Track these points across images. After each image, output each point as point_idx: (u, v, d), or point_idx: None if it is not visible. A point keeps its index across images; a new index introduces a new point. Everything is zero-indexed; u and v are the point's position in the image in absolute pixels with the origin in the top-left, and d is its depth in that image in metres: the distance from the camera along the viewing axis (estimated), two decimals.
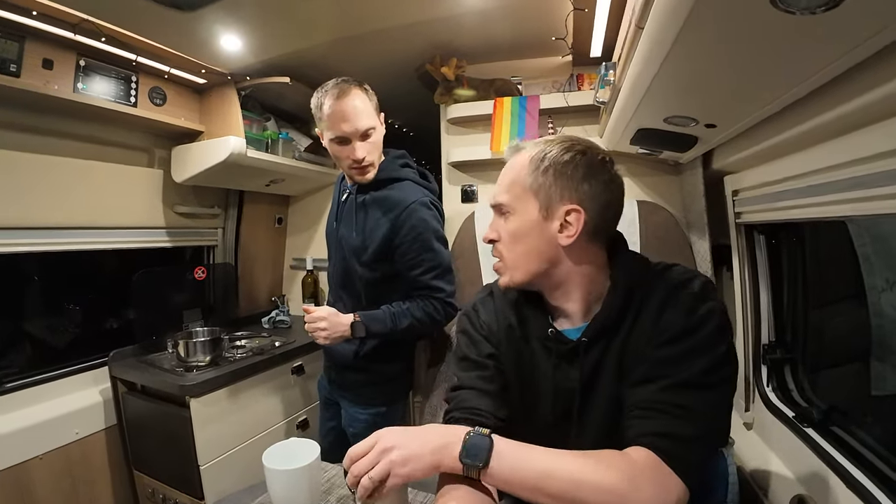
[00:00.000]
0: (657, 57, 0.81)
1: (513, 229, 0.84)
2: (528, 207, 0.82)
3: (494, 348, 0.93)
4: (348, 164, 1.40)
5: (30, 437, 1.57)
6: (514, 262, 0.85)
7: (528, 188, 0.82)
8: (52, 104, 1.54)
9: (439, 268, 1.43)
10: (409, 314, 1.42)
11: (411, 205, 1.39)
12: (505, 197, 0.85)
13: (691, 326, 0.74)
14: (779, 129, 0.98)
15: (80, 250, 1.80)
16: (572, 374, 0.83)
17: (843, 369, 1.26)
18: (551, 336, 0.85)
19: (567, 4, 1.39)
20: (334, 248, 1.56)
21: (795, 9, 0.58)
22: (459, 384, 0.91)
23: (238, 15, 1.46)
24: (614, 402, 0.81)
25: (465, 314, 1.00)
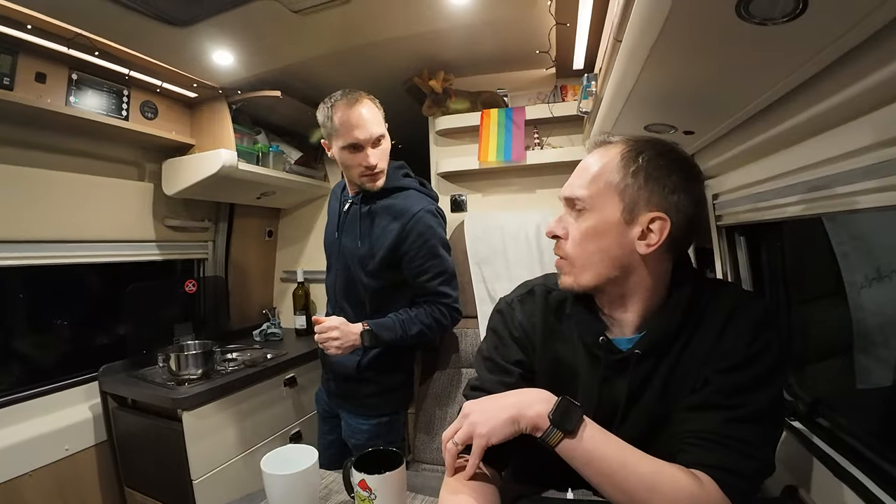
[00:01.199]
0: (635, 68, 0.84)
1: (587, 227, 0.78)
2: (609, 206, 0.77)
3: (524, 353, 0.89)
4: (360, 171, 1.41)
5: (19, 454, 1.55)
6: (583, 263, 0.79)
7: (614, 186, 0.76)
8: (44, 117, 1.55)
9: (445, 274, 1.46)
10: (418, 321, 1.43)
11: (418, 212, 1.41)
12: (584, 192, 0.78)
13: (754, 353, 0.72)
14: (754, 133, 1.02)
15: (70, 264, 1.80)
16: (619, 385, 0.80)
17: (827, 364, 1.29)
18: (602, 344, 0.81)
19: (549, 19, 1.45)
20: (335, 258, 1.56)
21: (760, 20, 0.62)
22: (480, 385, 0.88)
23: (229, 31, 1.49)
24: (652, 418, 0.79)
25: (499, 311, 0.95)
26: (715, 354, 0.75)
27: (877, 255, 1.12)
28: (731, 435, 0.69)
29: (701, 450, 0.70)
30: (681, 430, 0.74)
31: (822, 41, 0.67)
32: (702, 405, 0.73)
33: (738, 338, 0.74)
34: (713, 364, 0.74)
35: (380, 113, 1.41)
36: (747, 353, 0.72)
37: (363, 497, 0.81)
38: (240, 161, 1.92)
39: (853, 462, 0.91)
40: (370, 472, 0.81)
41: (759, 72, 0.80)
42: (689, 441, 0.72)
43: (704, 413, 0.72)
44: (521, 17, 1.49)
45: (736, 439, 0.69)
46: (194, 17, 1.38)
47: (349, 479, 0.87)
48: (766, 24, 0.62)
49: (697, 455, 0.70)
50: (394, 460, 0.85)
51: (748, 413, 0.70)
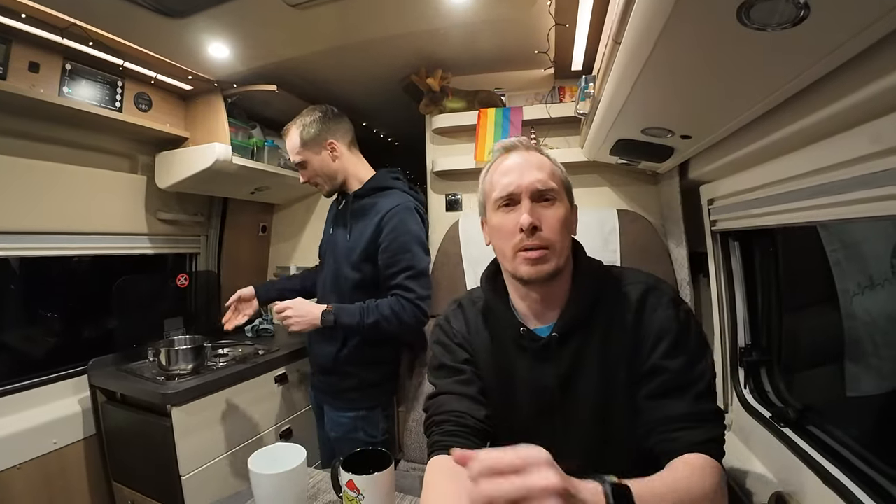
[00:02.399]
0: (633, 71, 0.84)
1: (560, 215, 0.86)
2: (564, 199, 0.88)
3: (469, 354, 0.95)
4: None
5: (7, 447, 1.53)
6: (561, 247, 0.86)
7: (562, 181, 0.90)
8: (36, 107, 1.53)
9: (413, 269, 1.50)
10: (377, 311, 1.47)
11: (395, 207, 1.51)
12: (553, 184, 0.87)
13: (682, 326, 0.83)
14: (751, 139, 1.03)
15: (59, 256, 1.78)
16: (547, 370, 0.87)
17: (817, 371, 1.29)
18: (523, 334, 0.89)
19: (549, 19, 1.44)
20: (328, 253, 1.66)
21: (761, 26, 0.61)
22: (437, 391, 0.93)
23: (226, 23, 1.48)
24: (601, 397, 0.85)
25: (438, 325, 1.03)
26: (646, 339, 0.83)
27: (869, 263, 1.12)
28: (703, 410, 0.79)
29: (688, 431, 0.77)
30: (656, 418, 0.80)
31: (822, 49, 0.66)
32: (667, 391, 0.80)
33: (662, 317, 0.83)
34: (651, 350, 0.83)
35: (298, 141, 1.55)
36: (677, 328, 0.82)
37: (351, 497, 0.81)
38: (234, 155, 1.91)
39: (842, 469, 0.92)
40: (358, 473, 0.80)
41: (759, 78, 0.80)
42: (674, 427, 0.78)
43: (669, 400, 0.80)
44: (520, 17, 1.49)
45: (709, 412, 0.80)
46: (190, 8, 1.36)
47: (337, 479, 0.86)
48: (767, 31, 0.62)
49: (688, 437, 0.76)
50: (382, 461, 0.84)
51: (707, 386, 0.81)
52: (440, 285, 1.82)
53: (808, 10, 0.55)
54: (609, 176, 1.78)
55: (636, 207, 1.78)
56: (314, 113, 1.56)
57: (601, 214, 1.68)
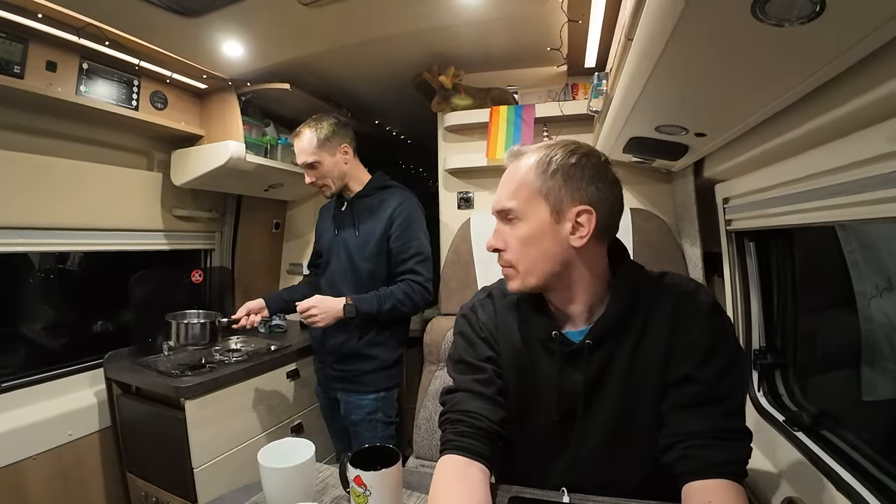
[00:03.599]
0: (646, 68, 0.83)
1: (523, 234, 0.83)
2: (538, 211, 0.82)
3: (493, 351, 0.93)
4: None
5: (23, 438, 1.57)
6: (527, 267, 0.83)
7: (538, 192, 0.81)
8: (54, 106, 1.56)
9: (422, 255, 1.67)
10: (393, 297, 1.62)
11: (405, 201, 1.69)
12: (512, 203, 0.83)
13: (719, 340, 0.79)
14: (767, 137, 1.01)
15: (77, 251, 1.82)
16: (576, 376, 0.84)
17: (833, 374, 1.27)
18: (555, 338, 0.85)
19: (561, 16, 1.43)
20: (336, 251, 1.76)
21: (777, 21, 0.60)
22: (455, 387, 0.91)
23: (240, 22, 1.49)
24: (622, 405, 0.83)
25: (464, 315, 0.99)
26: (681, 348, 0.79)
27: (888, 265, 1.10)
28: (730, 428, 0.76)
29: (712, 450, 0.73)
30: (679, 431, 0.77)
31: (839, 45, 0.65)
32: (692, 403, 0.77)
33: (699, 326, 0.79)
34: (684, 358, 0.79)
35: (315, 142, 1.64)
36: (713, 338, 0.78)
37: (358, 493, 0.81)
38: (248, 153, 1.93)
39: (855, 475, 0.90)
40: (366, 469, 0.80)
41: (774, 75, 0.78)
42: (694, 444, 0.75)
43: (698, 410, 0.77)
44: (532, 14, 1.48)
45: (735, 431, 0.76)
46: (204, 8, 1.38)
47: (345, 475, 0.87)
48: (783, 26, 0.60)
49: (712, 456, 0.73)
50: (390, 457, 0.84)
51: (737, 404, 0.79)
52: (451, 282, 1.82)
53: (824, 6, 0.54)
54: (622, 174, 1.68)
55: (649, 206, 1.76)
56: (329, 118, 1.68)
57: None
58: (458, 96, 1.90)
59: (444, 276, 1.86)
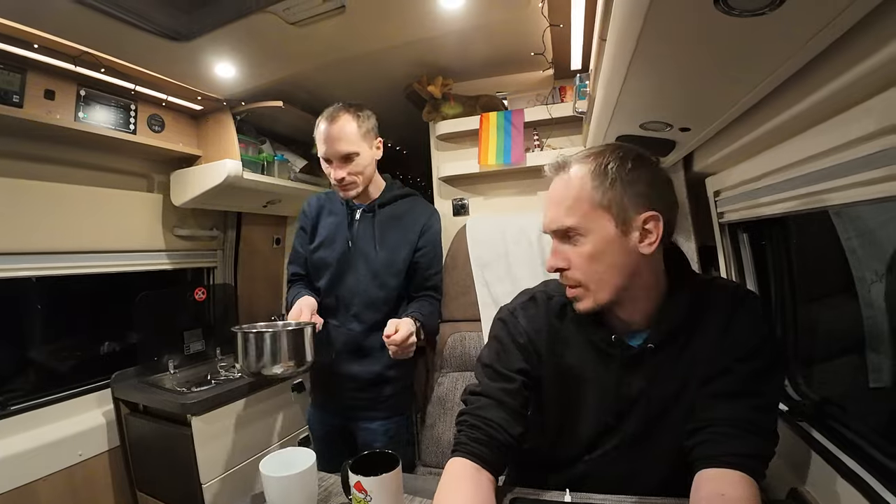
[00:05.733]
0: (622, 66, 0.84)
1: (589, 251, 0.78)
2: (603, 224, 0.78)
3: (527, 361, 0.90)
4: (333, 182, 1.47)
5: (34, 459, 1.59)
6: (597, 284, 0.79)
7: (598, 205, 0.77)
8: (54, 133, 1.60)
9: (442, 271, 1.66)
10: (432, 314, 1.55)
11: (433, 214, 1.64)
12: (572, 220, 0.79)
13: (763, 341, 0.78)
14: (751, 127, 1.01)
15: (82, 274, 1.84)
16: (636, 380, 0.83)
17: (837, 362, 1.26)
18: (615, 342, 0.84)
19: (542, 21, 1.45)
20: (353, 267, 1.52)
21: (740, 12, 0.61)
22: (481, 391, 0.89)
23: (230, 44, 1.52)
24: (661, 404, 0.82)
25: (502, 319, 0.96)
26: (726, 346, 0.79)
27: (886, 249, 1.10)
28: (758, 422, 0.74)
29: (733, 440, 0.73)
30: (706, 416, 0.76)
31: (807, 30, 0.65)
32: (727, 393, 0.77)
33: (745, 330, 0.79)
34: (725, 354, 0.78)
35: (357, 130, 1.43)
36: (756, 343, 0.78)
37: (359, 499, 0.82)
38: (245, 170, 1.96)
39: (860, 463, 0.90)
40: (367, 475, 0.81)
41: (748, 65, 0.79)
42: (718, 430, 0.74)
43: (730, 401, 0.76)
44: (513, 21, 1.50)
45: (763, 428, 0.75)
46: (195, 32, 1.41)
47: (347, 481, 0.88)
48: (747, 16, 0.61)
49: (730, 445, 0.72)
50: (390, 463, 0.85)
51: (771, 401, 0.78)
52: (449, 289, 1.83)
53: None
54: None
55: None
56: (365, 110, 1.49)
57: None
58: (448, 104, 1.93)
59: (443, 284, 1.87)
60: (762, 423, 0.75)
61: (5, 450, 1.54)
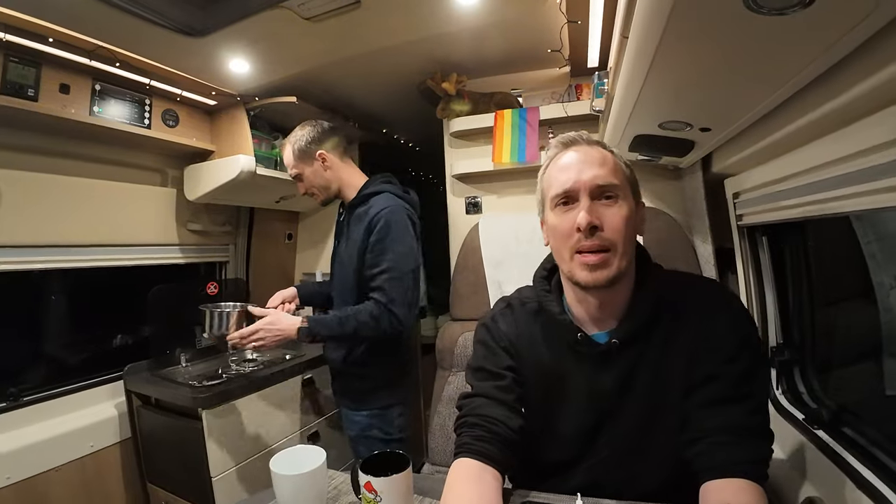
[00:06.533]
0: (643, 64, 0.82)
1: (625, 214, 0.80)
2: (629, 195, 0.83)
3: (513, 360, 0.92)
4: None
5: (46, 450, 1.61)
6: (624, 249, 0.80)
7: (627, 177, 0.84)
8: (69, 127, 1.61)
9: (393, 271, 1.49)
10: (355, 318, 1.48)
11: (382, 211, 1.52)
12: (614, 180, 0.81)
13: (745, 339, 0.79)
14: (774, 128, 0.99)
15: (95, 267, 1.86)
16: (606, 377, 0.84)
17: (854, 369, 1.24)
18: (581, 340, 0.85)
19: (560, 18, 1.43)
20: (336, 262, 1.70)
21: (770, 11, 0.59)
22: (474, 392, 0.91)
23: (244, 40, 1.53)
24: (649, 406, 0.82)
25: (484, 325, 0.98)
26: (711, 348, 0.78)
27: None
28: (756, 425, 0.75)
29: (733, 448, 0.72)
30: (705, 427, 0.76)
31: (835, 32, 0.64)
32: (717, 400, 0.76)
33: (729, 331, 0.79)
34: (710, 357, 0.78)
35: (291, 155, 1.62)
36: (740, 337, 0.78)
37: (369, 499, 0.81)
38: (258, 166, 1.96)
39: (877, 473, 0.87)
40: (377, 475, 0.81)
41: (774, 65, 0.77)
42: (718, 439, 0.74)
43: (722, 408, 0.75)
44: (530, 17, 1.48)
45: (761, 428, 0.76)
46: (210, 28, 1.41)
47: (357, 481, 0.87)
48: (776, 15, 0.60)
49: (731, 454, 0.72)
50: (401, 463, 0.85)
51: (758, 403, 0.77)
52: (461, 288, 1.82)
53: None
54: None
55: (659, 204, 1.74)
56: (304, 128, 1.63)
57: None
58: (458, 101, 1.91)
59: (454, 283, 1.86)
60: (757, 425, 0.76)
61: (19, 440, 1.56)
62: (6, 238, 1.57)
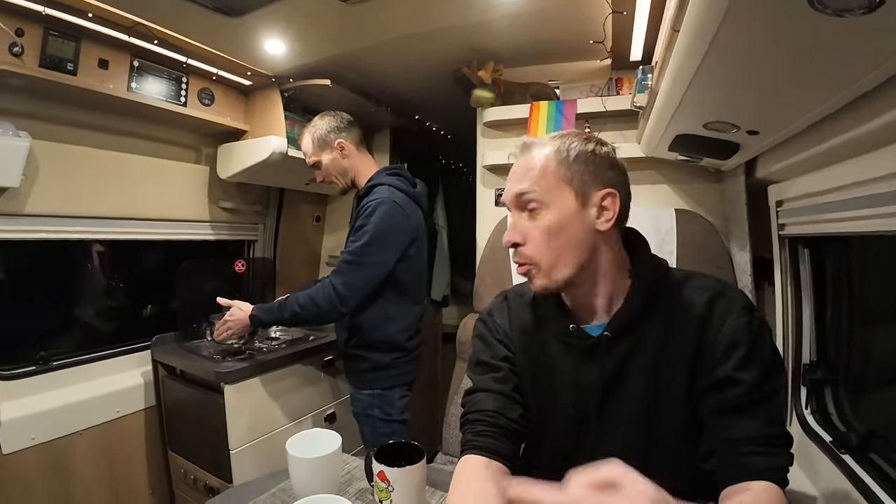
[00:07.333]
0: (694, 60, 0.78)
1: (549, 224, 0.79)
2: (564, 197, 0.79)
3: (509, 351, 0.93)
4: None
5: (73, 413, 1.67)
6: (552, 261, 0.80)
7: (562, 178, 0.80)
8: (106, 102, 1.63)
9: (354, 255, 1.55)
10: (295, 302, 1.58)
11: (373, 201, 1.58)
12: (535, 190, 0.80)
13: (757, 340, 0.76)
14: (826, 136, 0.94)
15: (129, 240, 1.91)
16: (593, 371, 0.83)
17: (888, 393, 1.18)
18: (572, 332, 0.84)
19: (605, 7, 1.37)
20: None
21: (835, 11, 0.55)
22: (474, 387, 0.92)
23: (281, 20, 1.52)
24: (647, 403, 0.80)
25: (481, 319, 1.00)
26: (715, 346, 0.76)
27: None
28: (776, 434, 0.73)
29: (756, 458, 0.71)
30: (724, 437, 0.74)
31: None
32: (740, 407, 0.74)
33: (734, 325, 0.76)
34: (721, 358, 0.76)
35: (310, 144, 1.69)
36: (751, 338, 0.75)
37: (382, 488, 0.82)
38: (290, 147, 1.97)
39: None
40: (391, 464, 0.81)
41: (834, 69, 0.72)
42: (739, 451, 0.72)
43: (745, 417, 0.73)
44: (573, 5, 1.43)
45: (781, 438, 0.74)
46: (247, 7, 1.41)
47: (370, 468, 0.88)
48: (843, 16, 0.55)
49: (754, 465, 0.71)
50: (415, 454, 0.85)
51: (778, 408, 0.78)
52: (486, 279, 1.81)
53: None
54: (667, 173, 1.68)
55: (696, 207, 1.68)
56: (324, 118, 1.70)
57: (658, 213, 1.59)
58: (492, 91, 1.87)
59: (479, 274, 1.84)
60: (778, 432, 0.74)
61: (46, 403, 1.62)
62: (43, 207, 1.62)
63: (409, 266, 1.65)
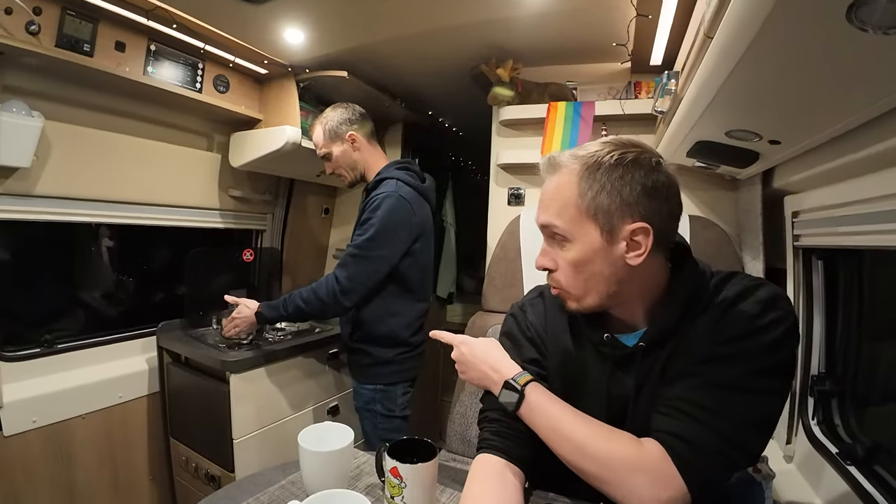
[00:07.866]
0: (725, 68, 0.78)
1: (573, 258, 0.76)
2: (588, 233, 0.74)
3: (538, 353, 0.91)
4: None
5: (76, 397, 1.67)
6: (582, 291, 0.78)
7: (584, 212, 0.74)
8: (121, 85, 1.62)
9: (360, 248, 1.56)
10: (299, 297, 1.59)
11: (380, 195, 1.58)
12: (559, 223, 0.76)
13: (753, 330, 0.69)
14: (848, 149, 0.94)
15: (139, 225, 1.90)
16: (627, 380, 0.81)
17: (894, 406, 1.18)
18: (607, 341, 0.82)
19: (630, 10, 1.37)
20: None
21: (871, 28, 0.55)
22: None
23: (301, 10, 1.51)
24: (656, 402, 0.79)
25: (512, 315, 0.98)
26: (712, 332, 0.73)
27: None
28: (694, 401, 0.69)
29: (663, 417, 0.71)
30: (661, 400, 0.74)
31: None
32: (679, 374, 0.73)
33: (738, 316, 0.72)
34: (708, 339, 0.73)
35: (321, 135, 1.69)
36: (747, 327, 0.70)
37: (394, 484, 0.82)
38: (303, 138, 1.96)
39: None
40: (403, 460, 0.81)
41: (864, 85, 0.72)
42: (659, 410, 0.73)
43: (680, 381, 0.72)
44: (598, 7, 1.42)
45: (698, 406, 0.69)
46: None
47: (381, 464, 0.88)
48: (878, 34, 0.55)
49: (658, 422, 0.71)
50: (427, 451, 0.85)
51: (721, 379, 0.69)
52: (496, 279, 1.80)
53: None
54: (682, 179, 1.63)
55: (710, 214, 1.67)
56: (336, 109, 1.70)
57: None
58: (509, 89, 1.86)
59: (489, 273, 1.84)
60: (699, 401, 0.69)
61: (49, 386, 1.62)
62: (53, 189, 1.61)
63: (414, 262, 1.65)
